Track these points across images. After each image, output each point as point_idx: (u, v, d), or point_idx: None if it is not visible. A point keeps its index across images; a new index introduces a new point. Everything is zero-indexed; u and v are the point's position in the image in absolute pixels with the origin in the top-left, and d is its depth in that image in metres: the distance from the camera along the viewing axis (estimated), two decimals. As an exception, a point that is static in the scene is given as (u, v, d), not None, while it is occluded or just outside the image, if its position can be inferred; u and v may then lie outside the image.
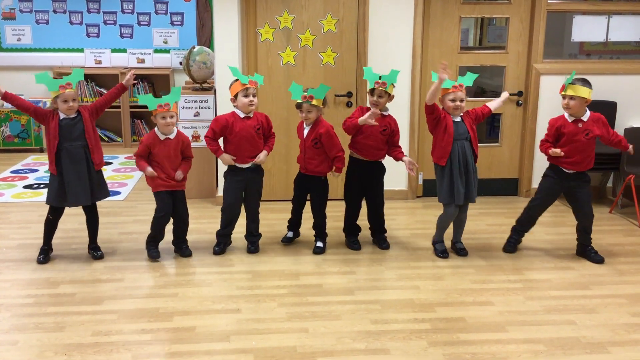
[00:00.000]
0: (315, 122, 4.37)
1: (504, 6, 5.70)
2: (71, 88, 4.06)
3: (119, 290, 3.88)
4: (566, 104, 4.15)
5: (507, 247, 4.56)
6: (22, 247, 4.59)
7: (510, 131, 5.88)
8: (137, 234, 4.85)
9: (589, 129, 4.17)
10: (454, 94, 4.15)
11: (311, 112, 4.33)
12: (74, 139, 4.12)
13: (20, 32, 8.29)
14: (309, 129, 4.41)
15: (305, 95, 4.27)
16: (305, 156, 4.45)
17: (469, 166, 4.23)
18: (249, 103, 4.24)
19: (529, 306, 3.71)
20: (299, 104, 4.34)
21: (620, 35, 5.90)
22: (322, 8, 5.46)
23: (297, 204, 4.69)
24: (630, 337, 3.36)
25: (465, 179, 4.22)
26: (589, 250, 4.44)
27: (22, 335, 3.31)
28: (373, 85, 4.25)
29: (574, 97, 4.10)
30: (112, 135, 8.39)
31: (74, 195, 4.16)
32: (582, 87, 4.08)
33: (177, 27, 8.46)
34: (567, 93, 4.12)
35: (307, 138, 4.41)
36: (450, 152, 4.16)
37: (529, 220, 4.52)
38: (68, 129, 4.10)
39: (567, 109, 4.17)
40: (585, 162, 4.23)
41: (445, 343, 3.27)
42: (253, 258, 4.44)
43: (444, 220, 4.42)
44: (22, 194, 6.07)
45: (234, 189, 4.41)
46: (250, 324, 3.45)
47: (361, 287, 3.96)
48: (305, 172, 4.52)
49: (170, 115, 4.18)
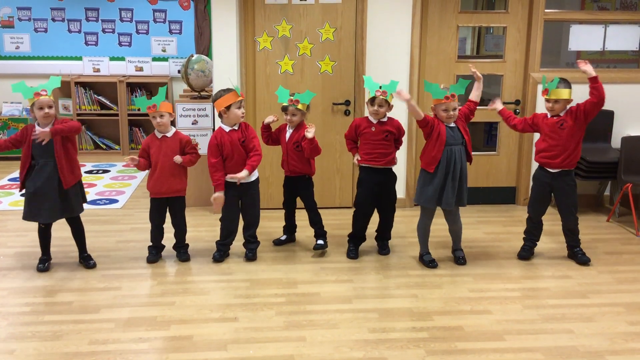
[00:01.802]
0: (298, 126, 4.51)
1: (501, 15, 5.72)
2: (46, 95, 4.03)
3: (116, 299, 3.87)
4: (551, 107, 4.33)
5: (522, 253, 4.60)
6: (19, 255, 4.58)
7: (507, 139, 5.89)
8: (134, 242, 4.84)
9: (564, 119, 4.30)
10: (446, 104, 4.17)
11: (295, 116, 4.49)
12: (43, 154, 4.07)
13: (18, 40, 8.30)
14: (291, 132, 4.54)
15: (292, 99, 4.43)
16: (288, 159, 4.56)
17: (462, 171, 4.25)
18: (242, 114, 4.33)
19: (527, 315, 3.70)
20: (285, 107, 4.50)
21: (617, 44, 5.92)
22: (321, 17, 5.48)
23: (288, 208, 4.80)
24: (628, 345, 3.36)
25: (457, 184, 4.24)
26: (576, 252, 4.52)
27: (19, 344, 3.30)
28: (374, 94, 4.28)
29: (558, 100, 4.28)
30: (110, 143, 8.40)
31: (42, 212, 4.12)
32: (563, 90, 4.26)
33: (176, 36, 8.49)
34: (552, 97, 4.28)
35: (289, 141, 4.54)
36: (439, 159, 4.18)
37: (534, 227, 4.57)
38: (39, 144, 4.03)
39: (552, 110, 4.35)
40: (564, 156, 4.29)
41: (443, 352, 3.26)
42: (251, 266, 4.43)
43: (421, 227, 4.45)
44: (19, 201, 6.05)
45: (229, 202, 4.41)
46: (248, 333, 3.45)
47: (359, 296, 3.95)
48: (290, 175, 4.62)
49: (160, 115, 4.27)
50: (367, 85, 4.34)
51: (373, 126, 4.39)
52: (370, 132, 4.40)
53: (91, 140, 8.35)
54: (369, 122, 4.42)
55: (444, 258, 4.55)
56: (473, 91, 4.41)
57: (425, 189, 4.29)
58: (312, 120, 5.50)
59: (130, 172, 7.21)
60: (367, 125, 4.42)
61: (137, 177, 6.96)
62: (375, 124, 4.39)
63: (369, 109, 4.38)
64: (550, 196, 4.47)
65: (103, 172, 7.29)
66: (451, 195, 4.22)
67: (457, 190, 4.26)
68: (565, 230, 4.53)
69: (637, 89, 5.81)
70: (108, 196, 6.25)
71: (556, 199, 4.45)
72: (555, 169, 4.36)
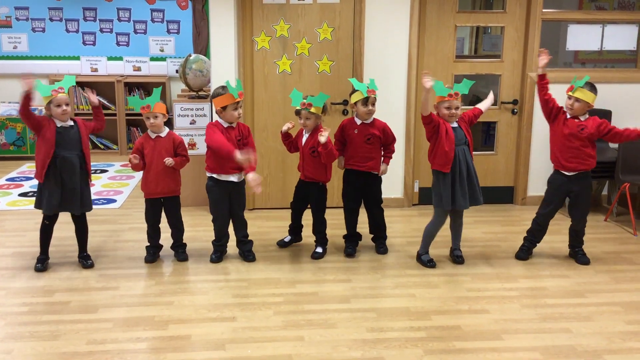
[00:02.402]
0: (314, 131, 4.39)
1: (499, 15, 5.73)
2: (64, 92, 4.07)
3: (114, 299, 3.87)
4: (571, 104, 4.25)
5: (519, 254, 4.59)
6: (17, 255, 4.58)
7: (505, 139, 5.90)
8: (132, 242, 4.84)
9: (584, 125, 4.25)
10: (449, 102, 4.16)
11: (309, 120, 4.37)
12: (70, 147, 4.12)
13: (16, 40, 8.29)
14: (307, 136, 4.44)
15: (304, 102, 4.31)
16: (304, 164, 4.49)
17: (470, 170, 4.24)
18: (238, 115, 4.28)
19: (525, 314, 3.71)
20: (298, 111, 4.39)
21: (615, 44, 5.93)
22: (319, 17, 5.47)
23: (295, 210, 4.74)
24: (625, 345, 3.37)
25: (467, 183, 4.23)
26: (577, 252, 4.52)
27: (16, 344, 3.30)
28: (366, 94, 4.29)
29: (580, 99, 4.20)
30: (108, 143, 8.38)
31: (68, 203, 4.16)
32: (589, 92, 4.19)
33: (174, 35, 8.47)
34: (575, 95, 4.21)
35: (305, 146, 4.45)
36: (452, 158, 4.15)
37: (539, 229, 4.55)
38: (65, 137, 4.10)
39: (570, 109, 4.26)
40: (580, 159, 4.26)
41: (441, 351, 3.27)
42: (249, 266, 4.43)
43: (431, 230, 4.43)
44: (17, 201, 6.06)
45: (220, 201, 4.40)
46: (246, 332, 3.45)
47: (357, 295, 3.95)
48: (304, 179, 4.55)
49: (154, 116, 4.27)
50: (359, 87, 4.34)
51: (356, 128, 4.40)
52: (353, 135, 4.41)
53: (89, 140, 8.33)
54: (353, 124, 4.44)
55: (442, 257, 4.55)
56: (483, 102, 4.42)
57: (440, 191, 4.23)
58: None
59: (128, 172, 7.20)
60: (350, 127, 4.45)
61: (135, 177, 6.95)
62: (359, 125, 4.39)
63: (362, 110, 4.37)
64: (564, 201, 4.45)
65: (101, 172, 7.28)
66: (462, 195, 4.21)
67: (471, 189, 4.24)
68: (571, 231, 4.53)
69: (635, 88, 5.82)
70: (106, 196, 6.25)
71: (571, 201, 4.42)
72: (572, 171, 4.31)
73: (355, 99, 4.37)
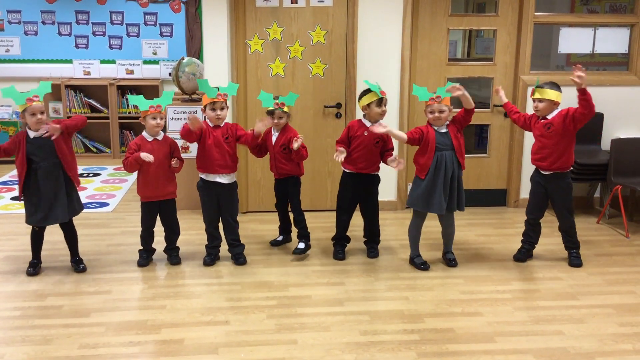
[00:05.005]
0: (284, 129, 4.51)
1: (492, 18, 5.75)
2: (38, 100, 4.01)
3: (106, 303, 3.85)
4: (535, 106, 4.37)
5: (517, 255, 4.62)
6: (9, 259, 4.56)
7: (498, 142, 5.92)
8: (125, 246, 4.82)
9: (550, 123, 4.31)
10: (431, 106, 4.20)
11: (282, 118, 4.49)
12: (45, 156, 4.06)
13: (8, 43, 8.27)
14: (277, 135, 4.53)
15: (277, 102, 4.42)
16: (276, 162, 4.56)
17: (454, 175, 4.24)
18: (216, 117, 4.28)
19: (518, 317, 3.71)
20: (271, 111, 4.46)
21: (607, 47, 5.95)
22: (312, 20, 5.48)
23: (280, 209, 4.82)
24: (618, 347, 3.37)
25: (448, 189, 4.24)
26: (571, 254, 4.55)
27: (8, 349, 3.28)
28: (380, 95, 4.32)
29: (542, 99, 4.30)
30: (101, 147, 8.37)
31: (53, 213, 4.13)
32: (549, 90, 4.28)
33: (167, 39, 8.47)
34: (535, 96, 4.34)
35: (275, 144, 4.53)
36: (429, 166, 4.21)
37: (531, 229, 4.58)
38: (39, 147, 4.04)
39: (537, 110, 4.37)
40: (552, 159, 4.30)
41: (435, 354, 3.27)
42: (242, 269, 4.43)
43: (412, 230, 4.46)
44: (9, 205, 6.03)
45: (208, 202, 4.42)
46: (239, 336, 3.44)
47: (350, 298, 3.95)
48: (279, 177, 4.62)
49: (161, 117, 4.27)
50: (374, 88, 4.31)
51: (366, 130, 4.37)
52: (362, 136, 4.39)
53: (82, 143, 8.31)
54: (362, 125, 4.41)
55: (435, 260, 4.56)
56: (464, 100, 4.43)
57: (414, 192, 4.32)
58: (303, 123, 5.53)
59: (121, 175, 7.18)
60: (359, 128, 4.41)
61: (127, 180, 6.94)
62: (369, 127, 4.34)
63: (376, 110, 4.33)
64: (546, 198, 4.49)
65: (94, 175, 7.27)
66: (442, 200, 4.22)
67: (453, 195, 4.25)
68: (560, 231, 4.57)
69: (627, 91, 5.85)
70: (99, 199, 6.23)
71: (551, 201, 4.49)
72: (546, 171, 4.39)
73: (369, 100, 4.34)
